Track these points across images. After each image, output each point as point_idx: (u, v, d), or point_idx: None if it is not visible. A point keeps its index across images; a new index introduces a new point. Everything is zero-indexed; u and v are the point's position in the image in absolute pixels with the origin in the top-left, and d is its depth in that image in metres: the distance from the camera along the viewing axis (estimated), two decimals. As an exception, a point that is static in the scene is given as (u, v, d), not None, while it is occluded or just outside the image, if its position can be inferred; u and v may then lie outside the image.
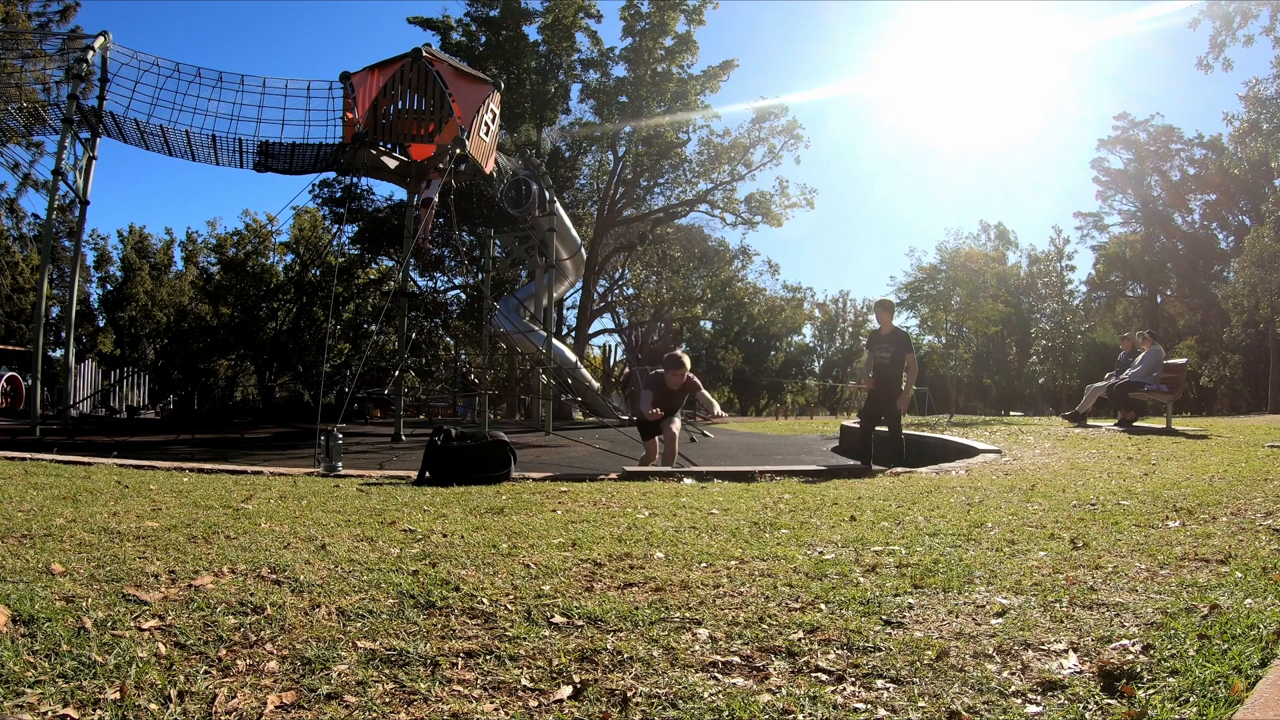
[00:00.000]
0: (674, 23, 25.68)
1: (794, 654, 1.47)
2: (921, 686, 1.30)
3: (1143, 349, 9.27)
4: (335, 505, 3.28)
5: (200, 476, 4.40)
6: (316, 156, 11.28)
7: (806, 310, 47.91)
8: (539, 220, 14.06)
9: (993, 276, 24.78)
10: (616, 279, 37.74)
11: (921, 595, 1.83)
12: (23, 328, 27.90)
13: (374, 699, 1.26)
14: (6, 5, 21.82)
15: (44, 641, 1.41)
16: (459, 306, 26.33)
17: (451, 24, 25.94)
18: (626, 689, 1.30)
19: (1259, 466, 4.41)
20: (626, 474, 4.80)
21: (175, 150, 11.24)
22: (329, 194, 25.18)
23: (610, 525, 2.77)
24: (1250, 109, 20.53)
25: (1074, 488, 3.75)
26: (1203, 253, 41.96)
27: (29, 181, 27.15)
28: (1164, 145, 42.49)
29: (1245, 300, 30.71)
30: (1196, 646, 1.41)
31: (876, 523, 2.80)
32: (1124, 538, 2.39)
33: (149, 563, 2.00)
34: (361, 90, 9.95)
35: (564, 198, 23.17)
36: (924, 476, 4.57)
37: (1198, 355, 34.72)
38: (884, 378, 5.88)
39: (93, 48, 10.63)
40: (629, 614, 1.70)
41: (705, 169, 29.20)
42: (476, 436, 4.83)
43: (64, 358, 15.46)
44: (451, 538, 2.50)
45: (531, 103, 24.42)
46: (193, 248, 33.38)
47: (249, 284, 25.19)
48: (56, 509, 2.80)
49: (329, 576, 1.94)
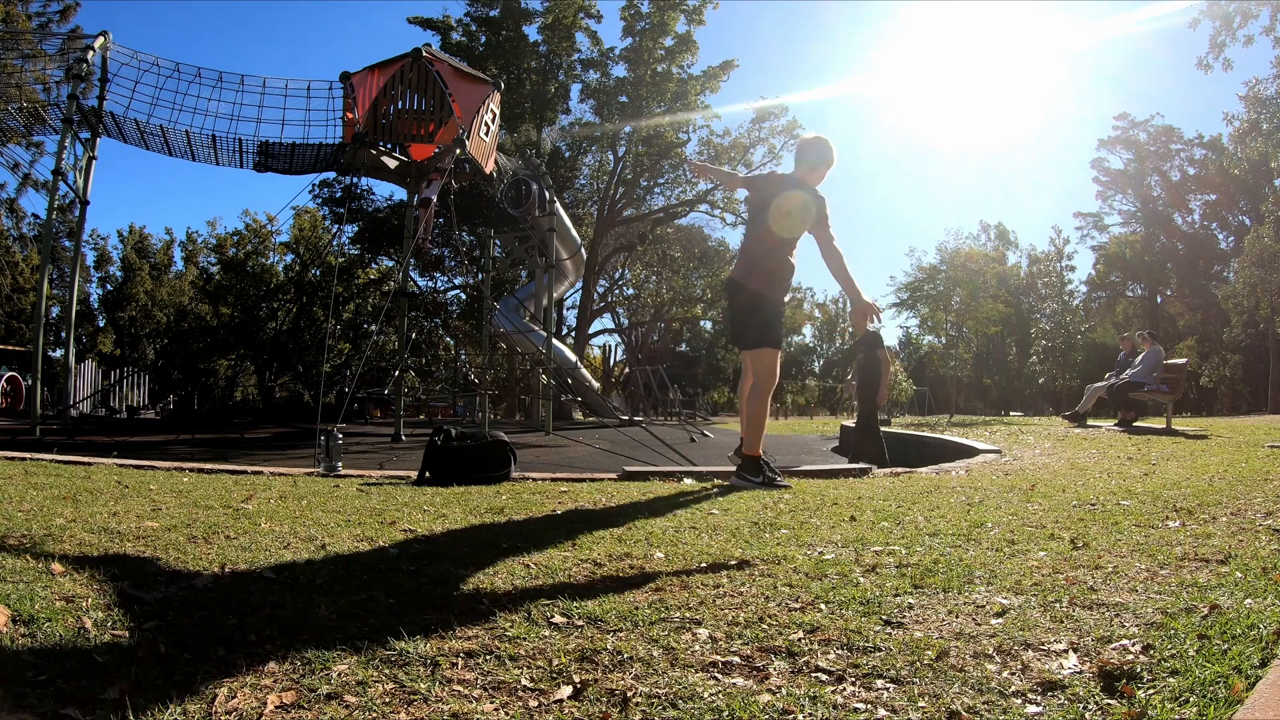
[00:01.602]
0: (674, 23, 25.67)
1: (794, 654, 1.47)
2: (921, 686, 1.30)
3: (1143, 349, 9.28)
4: (335, 505, 3.28)
5: (200, 476, 4.40)
6: (316, 156, 11.28)
7: (806, 310, 47.95)
8: (539, 220, 14.05)
9: (993, 276, 24.79)
10: (616, 279, 37.75)
11: (921, 595, 1.83)
12: (23, 328, 27.91)
13: (374, 699, 1.26)
14: (6, 5, 21.82)
15: (44, 641, 1.41)
16: (459, 306, 26.35)
17: (451, 24, 25.94)
18: (626, 689, 1.30)
19: (1259, 466, 4.42)
20: (626, 474, 4.80)
21: (175, 150, 11.23)
22: (329, 194, 25.19)
23: (610, 525, 2.77)
24: (1250, 109, 20.53)
25: (1074, 488, 3.75)
26: (1203, 253, 41.97)
27: (29, 181, 27.16)
28: (1164, 145, 42.50)
29: (1245, 300, 30.71)
30: (1196, 646, 1.41)
31: (876, 523, 2.80)
32: (1124, 538, 2.40)
33: (149, 563, 2.00)
34: (361, 90, 9.95)
35: (564, 198, 23.17)
36: (924, 476, 4.58)
37: (1198, 355, 34.73)
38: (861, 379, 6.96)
39: (93, 48, 10.62)
40: (629, 614, 1.70)
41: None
42: (476, 436, 4.83)
43: (64, 358, 15.46)
44: (452, 538, 2.50)
45: (531, 103, 24.42)
46: (193, 248, 33.39)
47: (249, 284, 25.19)
48: (56, 509, 2.80)
49: (329, 576, 1.94)
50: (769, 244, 4.08)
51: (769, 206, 4.02)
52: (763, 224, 4.05)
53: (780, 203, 4.01)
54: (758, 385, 4.12)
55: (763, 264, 4.14)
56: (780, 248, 4.09)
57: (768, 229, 4.04)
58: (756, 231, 4.14)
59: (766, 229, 4.04)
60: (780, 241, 4.08)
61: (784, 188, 4.07)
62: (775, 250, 4.09)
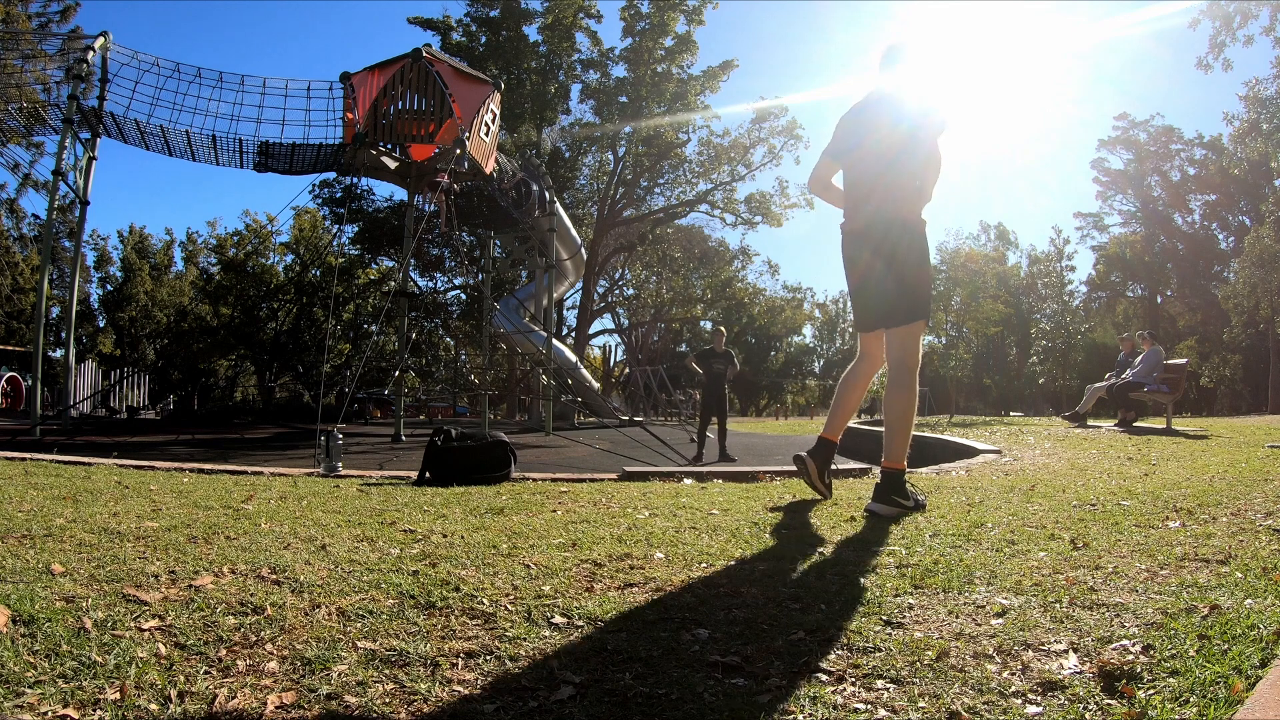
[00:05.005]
0: (674, 23, 25.69)
1: (794, 654, 1.47)
2: (921, 687, 1.30)
3: (1143, 349, 9.27)
4: (335, 505, 3.28)
5: (200, 477, 4.40)
6: (316, 157, 11.30)
7: (806, 310, 47.99)
8: (539, 220, 14.06)
9: (993, 277, 24.80)
10: (616, 279, 37.75)
11: (921, 595, 1.83)
12: (23, 328, 27.92)
13: (374, 699, 1.26)
14: (6, 5, 21.82)
15: (44, 641, 1.41)
16: (459, 307, 26.35)
17: (452, 24, 25.95)
18: (626, 689, 1.30)
19: (1259, 467, 4.41)
20: (626, 474, 4.80)
21: (175, 150, 11.25)
22: (329, 194, 25.20)
23: (610, 525, 2.77)
24: (1250, 109, 20.55)
25: (1074, 488, 3.75)
26: (1203, 253, 41.96)
27: (29, 182, 27.18)
28: (1164, 145, 42.49)
29: (1245, 300, 30.70)
30: (1196, 647, 1.41)
31: (877, 523, 2.80)
32: (1124, 538, 2.39)
33: (149, 563, 2.00)
34: (361, 90, 9.96)
35: (564, 198, 23.16)
36: (924, 477, 4.57)
37: (1198, 355, 34.73)
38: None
39: (93, 48, 10.64)
40: (629, 614, 1.70)
41: (705, 169, 29.21)
42: (476, 437, 4.83)
43: (64, 358, 15.47)
44: (451, 538, 2.50)
45: (531, 103, 24.43)
46: (193, 248, 33.41)
47: (249, 284, 25.21)
48: (56, 509, 2.80)
49: (329, 577, 1.94)
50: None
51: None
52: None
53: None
54: (906, 376, 3.12)
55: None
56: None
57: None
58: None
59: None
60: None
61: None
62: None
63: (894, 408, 3.13)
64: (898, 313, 3.16)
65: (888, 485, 3.03)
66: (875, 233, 3.22)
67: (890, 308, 3.18)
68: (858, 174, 3.32)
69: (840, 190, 3.43)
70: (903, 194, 3.19)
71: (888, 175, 3.21)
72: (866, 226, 3.25)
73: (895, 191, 3.19)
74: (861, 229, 3.27)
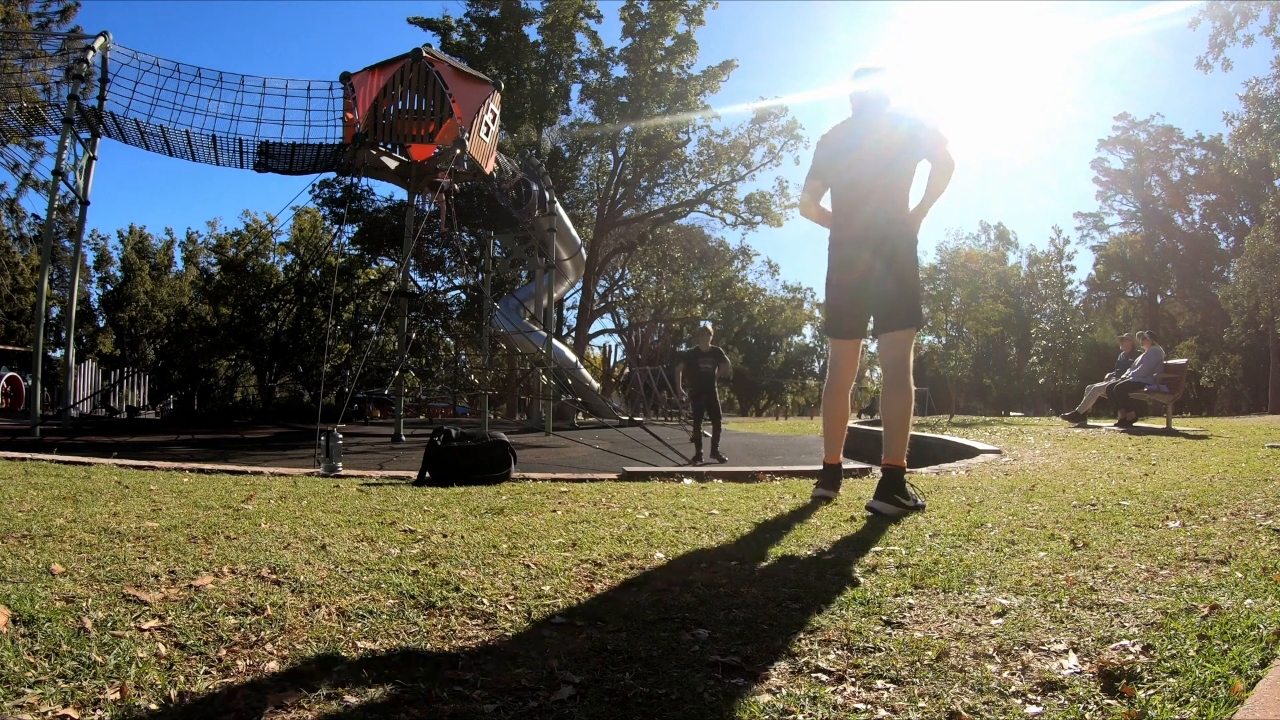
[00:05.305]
0: (674, 23, 25.69)
1: (794, 654, 1.47)
2: (921, 687, 1.30)
3: (1143, 349, 9.27)
4: (335, 505, 3.28)
5: (200, 477, 4.40)
6: (316, 157, 11.30)
7: (806, 310, 47.89)
8: (539, 220, 14.06)
9: (993, 277, 24.81)
10: (616, 279, 37.74)
11: (921, 595, 1.83)
12: (23, 328, 27.92)
13: (374, 699, 1.26)
14: (6, 5, 21.82)
15: (44, 641, 1.41)
16: (459, 307, 26.35)
17: (452, 24, 25.95)
18: (626, 689, 1.30)
19: (1259, 467, 4.41)
20: (627, 474, 4.80)
21: (175, 150, 11.25)
22: (329, 194, 25.20)
23: (610, 525, 2.77)
24: (1250, 109, 20.56)
25: (1074, 488, 3.75)
26: (1203, 253, 41.96)
27: (29, 182, 27.18)
28: (1164, 145, 42.49)
29: (1245, 300, 30.71)
30: (1196, 647, 1.41)
31: (877, 523, 2.80)
32: (1124, 538, 2.39)
33: (149, 563, 2.00)
34: (361, 90, 9.96)
35: (564, 198, 23.16)
36: (924, 477, 4.57)
37: (1198, 355, 34.72)
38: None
39: (93, 48, 10.64)
40: (629, 614, 1.70)
41: (705, 169, 29.20)
42: (476, 437, 4.83)
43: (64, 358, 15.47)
44: (451, 538, 2.50)
45: (531, 103, 24.42)
46: (193, 248, 33.41)
47: (249, 284, 25.22)
48: (56, 509, 2.80)
49: (329, 577, 1.94)
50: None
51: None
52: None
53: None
54: (904, 376, 3.22)
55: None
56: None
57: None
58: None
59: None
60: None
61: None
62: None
63: (893, 407, 3.22)
64: (898, 314, 3.21)
65: (889, 483, 3.06)
66: (875, 232, 3.23)
67: (891, 309, 3.23)
68: (854, 176, 3.33)
69: (829, 211, 3.46)
70: (902, 196, 3.22)
71: (887, 175, 3.23)
72: (866, 227, 3.26)
73: (895, 192, 3.21)
74: (860, 231, 3.28)
